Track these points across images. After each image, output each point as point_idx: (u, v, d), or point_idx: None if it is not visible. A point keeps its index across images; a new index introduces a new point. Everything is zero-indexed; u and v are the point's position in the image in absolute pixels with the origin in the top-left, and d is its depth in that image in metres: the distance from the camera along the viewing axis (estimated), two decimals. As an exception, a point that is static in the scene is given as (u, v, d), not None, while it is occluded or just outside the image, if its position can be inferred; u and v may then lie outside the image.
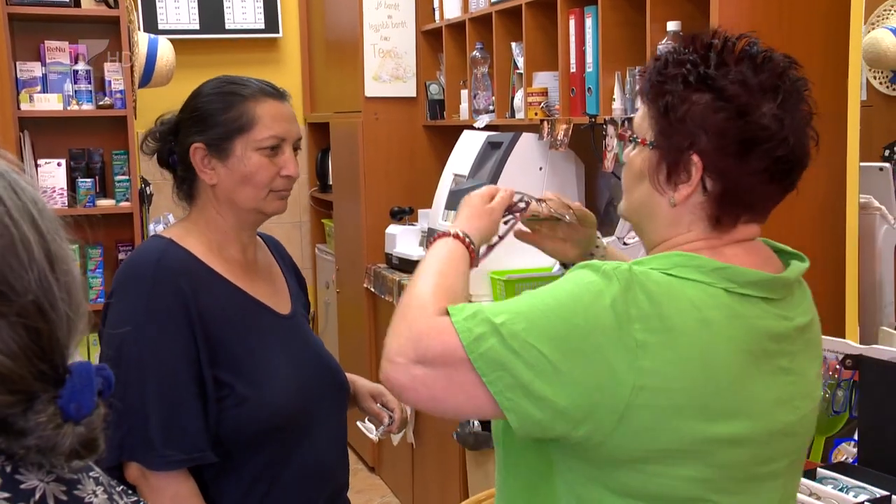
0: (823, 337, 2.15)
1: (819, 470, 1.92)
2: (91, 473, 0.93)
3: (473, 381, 1.16)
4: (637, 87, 1.34)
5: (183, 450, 1.60)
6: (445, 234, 1.40)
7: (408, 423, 1.89)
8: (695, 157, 1.22)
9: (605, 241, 1.66)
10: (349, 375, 1.95)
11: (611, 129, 2.93)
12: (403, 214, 4.26)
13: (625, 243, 2.58)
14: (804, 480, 1.88)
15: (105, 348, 1.67)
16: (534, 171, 3.42)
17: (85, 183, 3.72)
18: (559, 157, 3.41)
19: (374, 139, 4.48)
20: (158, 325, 1.62)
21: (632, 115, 2.85)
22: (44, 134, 3.78)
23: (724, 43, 1.24)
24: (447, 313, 1.20)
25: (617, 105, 2.96)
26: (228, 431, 1.65)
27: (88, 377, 0.86)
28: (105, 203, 3.81)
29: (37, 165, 3.71)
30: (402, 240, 4.17)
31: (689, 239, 1.27)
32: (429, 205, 3.90)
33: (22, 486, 0.86)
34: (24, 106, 3.72)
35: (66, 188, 3.74)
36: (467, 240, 1.40)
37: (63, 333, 0.87)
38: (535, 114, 3.40)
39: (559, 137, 3.21)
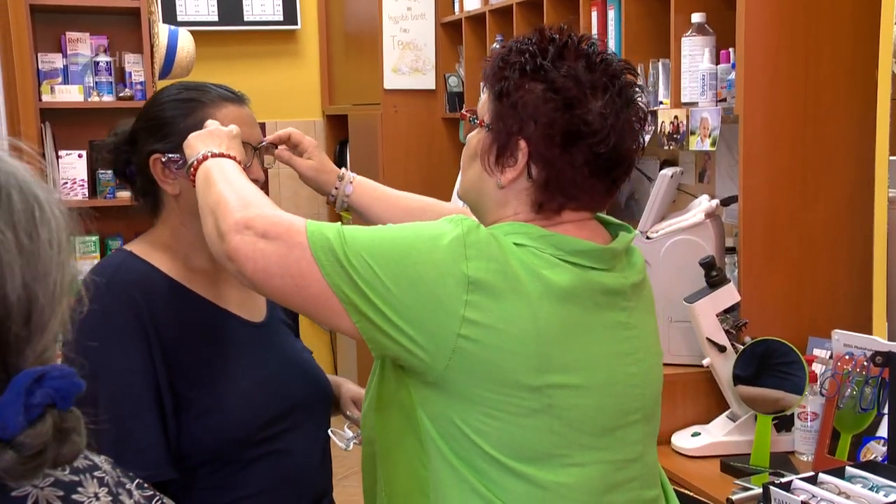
0: (851, 333, 2.13)
1: (848, 468, 1.90)
2: (96, 473, 0.90)
3: (310, 265, 1.26)
4: (483, 72, 1.42)
5: (137, 467, 1.54)
6: (212, 155, 1.47)
7: None
8: (522, 143, 1.30)
9: (352, 175, 1.79)
10: (336, 378, 1.90)
11: (634, 122, 2.91)
12: (423, 207, 4.23)
13: (648, 237, 2.56)
14: (832, 479, 1.86)
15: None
16: (555, 165, 3.39)
17: (105, 175, 3.72)
18: (580, 151, 3.38)
19: (392, 132, 4.47)
20: (111, 338, 1.56)
21: (655, 109, 2.83)
22: (65, 125, 3.78)
23: (566, 40, 1.32)
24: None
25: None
26: (190, 445, 1.59)
27: (17, 392, 0.78)
28: (125, 195, 3.80)
29: (58, 157, 3.71)
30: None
31: (519, 220, 1.34)
32: (447, 197, 3.88)
33: (13, 494, 0.82)
34: (46, 97, 3.72)
35: (86, 180, 3.74)
36: (235, 157, 1.48)
37: (11, 341, 0.81)
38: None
39: (581, 130, 3.19)
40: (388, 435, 1.39)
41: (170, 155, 1.62)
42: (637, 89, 1.35)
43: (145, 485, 0.98)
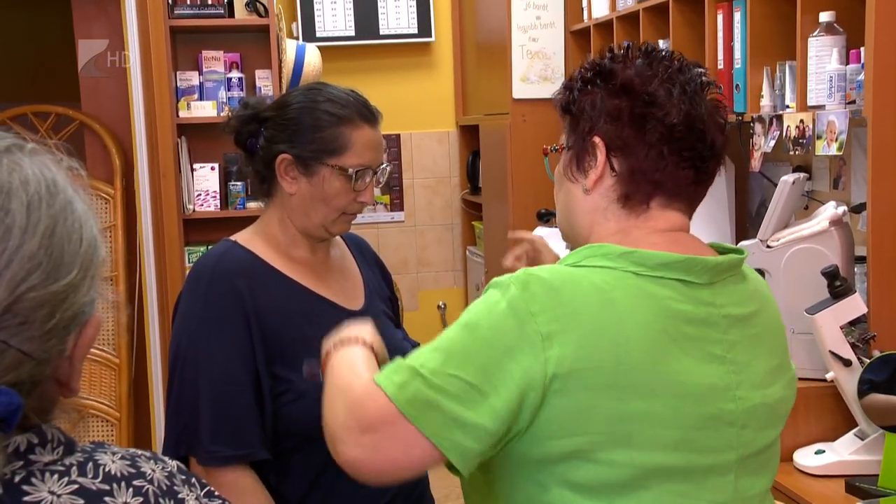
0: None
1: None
2: (135, 482, 0.86)
3: (412, 431, 1.17)
4: (553, 102, 1.42)
5: (231, 446, 1.62)
6: (349, 342, 1.41)
7: None
8: (597, 139, 1.30)
9: None
10: None
11: (758, 128, 2.81)
12: (550, 216, 4.20)
13: (768, 245, 2.46)
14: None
15: (170, 348, 1.74)
16: (680, 172, 3.30)
17: (236, 186, 3.85)
18: (707, 157, 3.29)
19: (521, 141, 4.44)
20: (212, 324, 1.66)
21: (781, 113, 2.72)
22: (199, 139, 3.94)
23: (626, 47, 1.34)
24: (374, 382, 1.22)
25: (765, 102, 2.83)
26: (288, 426, 1.67)
27: None
28: (255, 205, 3.92)
29: (192, 170, 3.86)
30: (549, 242, 4.11)
31: (609, 230, 1.32)
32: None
33: (26, 500, 0.80)
34: (182, 113, 3.88)
35: (218, 191, 3.88)
36: (369, 343, 1.41)
37: None
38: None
39: (706, 136, 3.10)
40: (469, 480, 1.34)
41: (299, 171, 1.69)
42: (709, 78, 1.34)
43: (215, 493, 0.96)
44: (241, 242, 1.76)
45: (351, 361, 1.36)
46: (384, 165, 1.79)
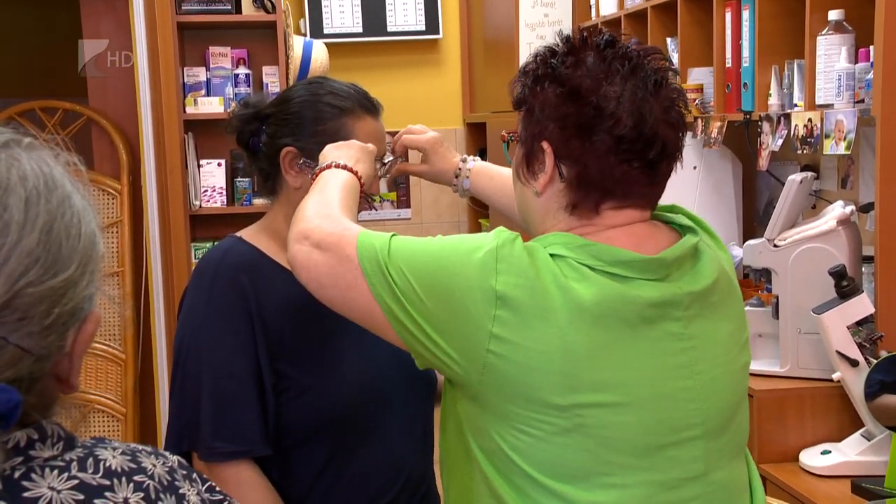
0: None
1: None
2: (136, 477, 0.85)
3: (357, 276, 1.28)
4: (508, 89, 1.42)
5: (232, 442, 1.62)
6: (336, 165, 1.53)
7: None
8: (545, 145, 1.29)
9: (473, 158, 1.85)
10: None
11: (766, 126, 2.80)
12: (556, 215, 4.20)
13: (775, 245, 2.46)
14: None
15: (174, 342, 1.74)
16: (687, 170, 3.29)
17: (242, 182, 3.85)
18: (714, 156, 3.28)
19: (528, 139, 4.44)
20: (215, 319, 1.66)
21: (789, 111, 2.71)
22: (206, 135, 3.94)
23: (582, 37, 1.31)
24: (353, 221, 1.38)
25: (773, 101, 2.82)
26: (289, 422, 1.66)
27: None
28: (261, 202, 3.92)
29: (199, 166, 3.86)
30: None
31: (561, 230, 1.31)
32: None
33: (25, 495, 0.79)
34: (189, 109, 3.88)
35: (225, 187, 3.88)
36: (358, 172, 1.54)
37: None
38: (690, 111, 3.28)
39: (713, 135, 3.09)
40: (446, 449, 1.38)
41: (305, 159, 1.70)
42: (665, 72, 1.30)
43: (216, 488, 0.96)
44: (246, 238, 1.76)
45: (335, 186, 1.47)
46: (389, 158, 1.78)
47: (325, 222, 1.36)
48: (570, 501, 1.23)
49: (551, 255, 1.25)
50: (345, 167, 1.53)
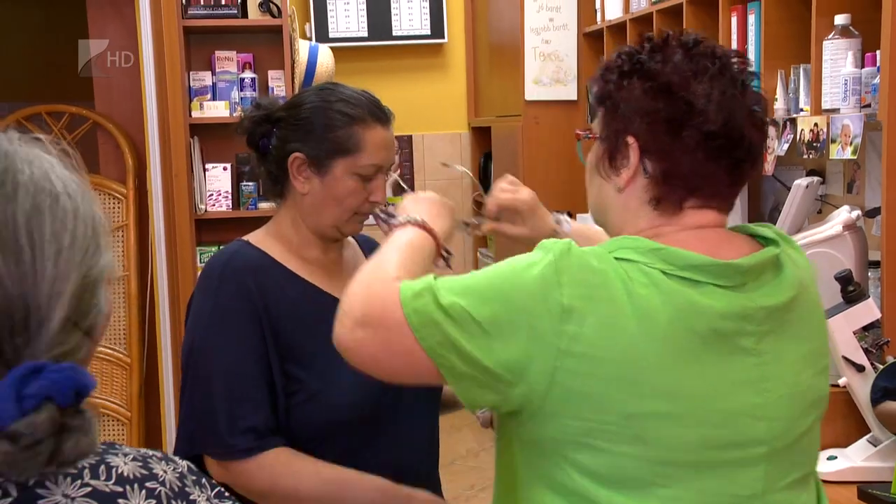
0: None
1: None
2: (148, 484, 0.86)
3: (410, 339, 1.19)
4: (587, 87, 1.36)
5: (250, 439, 1.63)
6: (414, 224, 1.44)
7: None
8: (630, 140, 1.27)
9: (567, 219, 1.74)
10: None
11: (772, 131, 2.79)
12: (562, 219, 4.20)
13: (782, 250, 2.45)
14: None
15: (183, 346, 1.74)
16: (693, 175, 3.29)
17: (248, 186, 3.86)
18: (720, 160, 3.27)
19: (533, 143, 4.44)
20: (224, 322, 1.67)
21: (795, 116, 2.71)
22: (212, 139, 3.95)
23: (665, 36, 1.30)
24: (397, 281, 1.25)
25: (779, 105, 2.82)
26: (298, 425, 1.67)
27: (11, 382, 0.78)
28: (266, 206, 3.93)
29: (205, 170, 3.87)
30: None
31: (639, 227, 1.29)
32: (587, 209, 3.83)
33: (40, 503, 0.80)
34: (195, 113, 3.89)
35: (230, 191, 3.89)
36: (434, 230, 1.45)
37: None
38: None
39: (719, 139, 3.09)
40: (500, 479, 1.37)
41: (312, 170, 1.70)
42: (748, 74, 1.30)
43: (226, 494, 0.96)
44: (253, 242, 1.77)
45: (398, 247, 1.39)
46: (395, 167, 1.80)
47: (366, 291, 1.26)
48: None
49: (620, 260, 1.23)
50: (421, 225, 1.44)
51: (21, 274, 0.81)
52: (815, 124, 2.58)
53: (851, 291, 2.25)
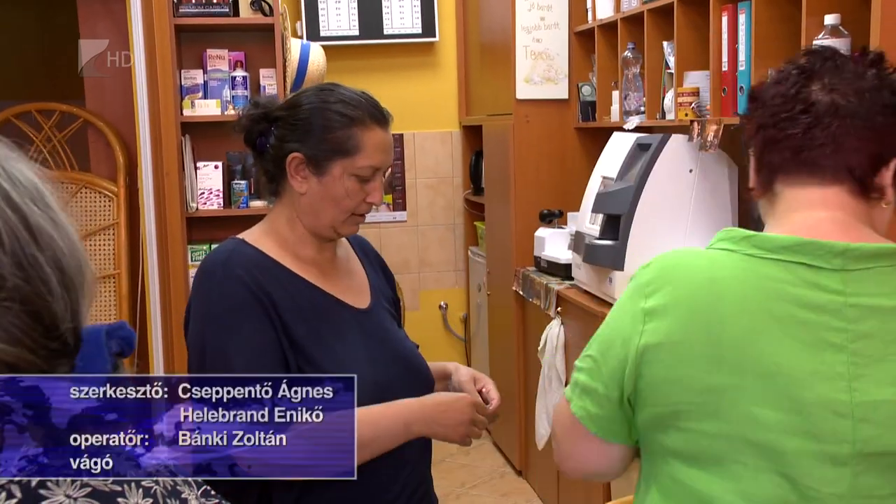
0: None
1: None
2: (144, 483, 0.87)
3: (568, 411, 1.41)
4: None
5: None
6: None
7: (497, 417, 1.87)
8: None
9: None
10: (451, 364, 1.95)
11: (762, 130, 2.81)
12: (553, 217, 4.21)
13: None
14: None
15: (190, 351, 1.71)
16: (683, 174, 3.31)
17: (239, 185, 3.86)
18: (710, 160, 3.29)
19: (524, 142, 4.45)
20: (234, 313, 1.65)
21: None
22: (203, 138, 3.95)
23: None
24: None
25: (769, 104, 2.83)
26: None
27: (98, 344, 0.85)
28: (257, 204, 3.93)
29: (196, 168, 3.87)
30: (551, 243, 4.12)
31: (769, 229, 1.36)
32: (578, 208, 3.84)
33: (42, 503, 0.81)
34: (186, 111, 3.88)
35: (221, 190, 3.89)
36: None
37: (61, 307, 0.82)
38: (686, 114, 3.29)
39: (709, 139, 3.10)
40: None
41: (310, 170, 1.71)
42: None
43: (212, 492, 0.97)
44: (249, 241, 1.76)
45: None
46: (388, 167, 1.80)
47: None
48: (698, 486, 1.29)
49: (714, 250, 1.32)
50: None
51: (58, 248, 0.85)
52: (805, 123, 2.59)
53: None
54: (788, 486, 1.24)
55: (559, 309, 3.84)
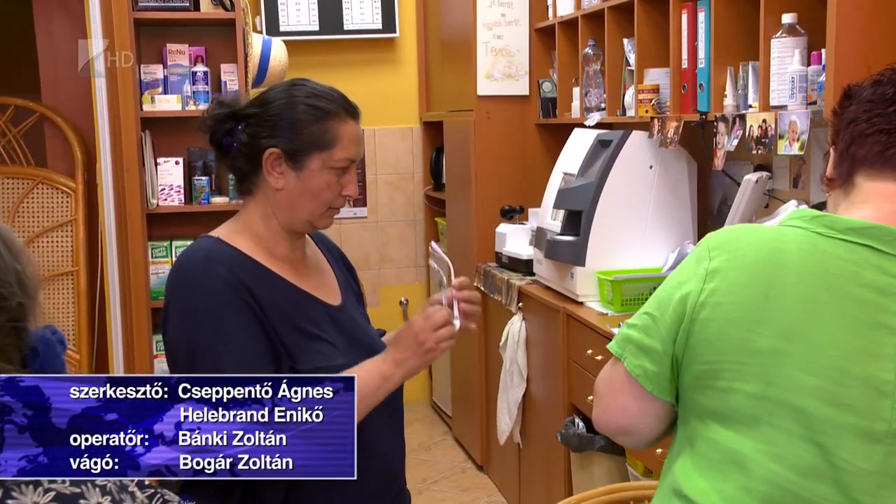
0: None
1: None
2: (98, 482, 0.91)
3: (620, 369, 1.43)
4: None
5: None
6: None
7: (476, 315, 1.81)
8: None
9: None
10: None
11: (721, 127, 2.85)
12: (514, 213, 4.23)
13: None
14: None
15: (173, 350, 1.69)
16: (643, 170, 3.34)
17: (200, 181, 3.83)
18: (670, 156, 3.33)
19: (485, 138, 4.46)
20: (220, 311, 1.65)
21: (744, 112, 2.76)
22: (163, 133, 3.91)
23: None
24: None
25: (729, 101, 2.87)
26: None
27: (51, 343, 0.88)
28: (219, 200, 3.90)
29: (156, 164, 3.83)
30: (512, 239, 4.14)
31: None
32: (539, 203, 3.87)
33: None
34: (146, 107, 3.84)
35: (182, 186, 3.85)
36: None
37: (28, 314, 0.88)
38: (646, 111, 3.32)
39: (669, 135, 3.14)
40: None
41: (287, 165, 1.71)
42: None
43: (146, 482, 0.99)
44: (224, 239, 1.75)
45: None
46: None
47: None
48: (731, 445, 1.33)
49: (786, 226, 1.37)
50: None
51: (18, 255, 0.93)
52: (764, 120, 2.63)
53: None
54: (820, 455, 1.29)
55: (521, 304, 3.86)
